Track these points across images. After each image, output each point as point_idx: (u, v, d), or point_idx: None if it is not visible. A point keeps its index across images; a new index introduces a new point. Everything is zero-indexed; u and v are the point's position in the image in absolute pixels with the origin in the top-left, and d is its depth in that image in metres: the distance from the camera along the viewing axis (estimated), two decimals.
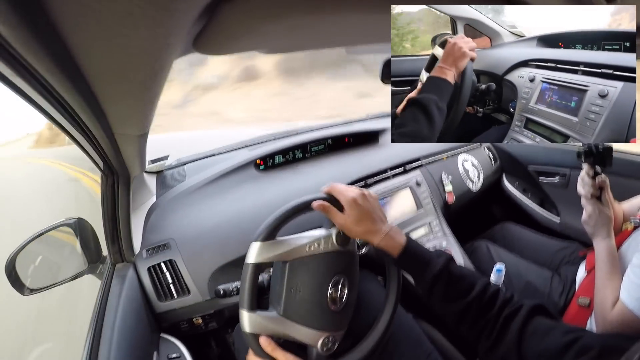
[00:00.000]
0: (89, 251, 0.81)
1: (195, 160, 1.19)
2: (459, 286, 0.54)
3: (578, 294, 0.83)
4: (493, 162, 1.39)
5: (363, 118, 1.63)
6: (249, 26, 0.47)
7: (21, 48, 0.30)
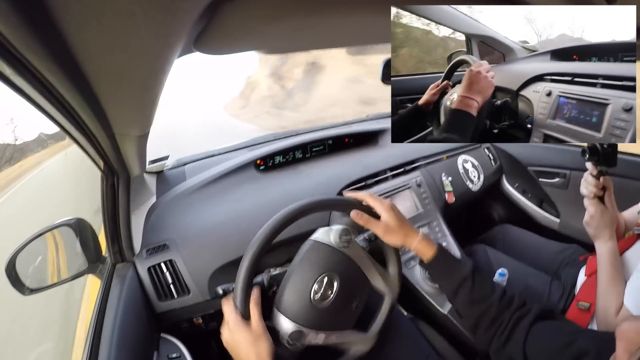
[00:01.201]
0: (89, 251, 0.81)
1: (195, 160, 1.19)
2: (482, 289, 0.58)
3: (578, 298, 0.82)
4: (493, 163, 1.39)
5: (363, 119, 1.63)
6: (249, 26, 0.47)
7: (22, 47, 0.30)
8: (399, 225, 0.62)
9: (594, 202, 0.76)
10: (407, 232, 0.62)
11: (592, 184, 0.75)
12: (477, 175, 1.31)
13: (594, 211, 0.75)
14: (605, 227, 0.74)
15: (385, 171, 1.13)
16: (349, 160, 1.21)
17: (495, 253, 1.07)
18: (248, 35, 0.51)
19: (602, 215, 0.74)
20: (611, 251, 0.73)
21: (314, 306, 0.59)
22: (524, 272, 0.97)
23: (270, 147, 1.16)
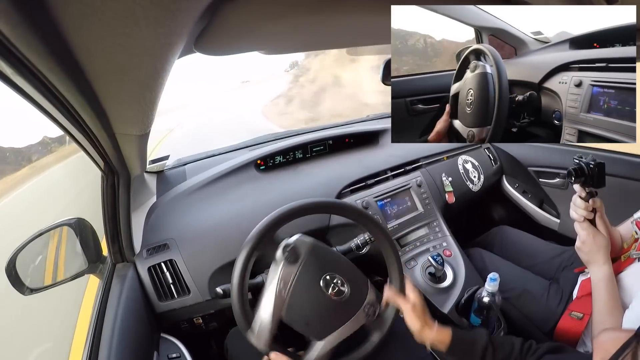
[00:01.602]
0: (89, 251, 0.81)
1: (196, 160, 1.19)
2: (504, 349, 0.61)
3: (571, 308, 0.80)
4: (493, 163, 1.39)
5: (363, 119, 1.63)
6: (250, 27, 0.47)
7: (22, 47, 0.30)
8: (423, 308, 0.66)
9: (584, 225, 0.71)
10: (427, 319, 0.66)
11: (581, 207, 0.70)
12: (477, 176, 1.30)
13: (585, 236, 0.71)
14: (599, 251, 0.69)
15: (385, 171, 1.13)
16: (350, 160, 1.21)
17: (491, 257, 1.07)
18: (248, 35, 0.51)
19: (595, 239, 0.70)
20: (607, 277, 0.68)
21: (333, 299, 0.61)
22: (522, 277, 0.97)
23: (271, 147, 1.16)
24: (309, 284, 0.61)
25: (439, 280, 0.96)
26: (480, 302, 0.80)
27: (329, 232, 0.96)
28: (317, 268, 0.62)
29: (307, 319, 0.61)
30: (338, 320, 0.63)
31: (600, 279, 0.69)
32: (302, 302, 0.61)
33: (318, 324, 0.62)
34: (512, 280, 0.96)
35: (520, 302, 0.92)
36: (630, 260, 0.70)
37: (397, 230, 1.04)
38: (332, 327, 0.62)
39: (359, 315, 0.63)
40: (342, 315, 0.63)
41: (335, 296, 0.62)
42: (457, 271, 0.99)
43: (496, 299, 0.78)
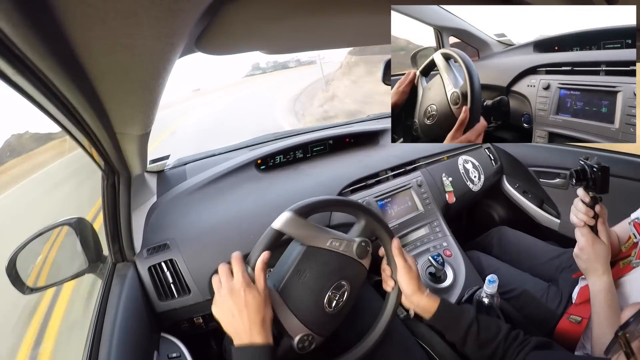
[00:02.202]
0: (90, 250, 0.81)
1: (196, 160, 1.19)
2: (488, 331, 0.61)
3: (570, 312, 0.79)
4: (494, 163, 1.39)
5: (364, 119, 1.63)
6: (251, 27, 0.48)
7: (24, 47, 0.31)
8: (417, 274, 0.67)
9: (584, 231, 0.67)
10: (420, 284, 0.66)
11: (582, 212, 0.66)
12: (477, 176, 1.31)
13: (584, 242, 0.67)
14: (598, 260, 0.66)
15: (385, 171, 1.13)
16: (350, 160, 1.21)
17: (488, 259, 1.07)
18: (249, 35, 0.51)
19: (594, 246, 0.66)
20: (607, 288, 0.64)
21: (325, 312, 0.60)
22: (521, 278, 0.97)
23: (271, 147, 1.16)
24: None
25: (439, 280, 0.96)
26: (479, 303, 0.80)
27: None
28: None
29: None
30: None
31: (599, 290, 0.66)
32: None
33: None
34: (510, 281, 0.96)
35: (520, 303, 0.92)
36: (629, 267, 0.69)
37: (398, 230, 1.04)
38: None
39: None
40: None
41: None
42: (458, 271, 0.99)
43: (495, 301, 0.78)
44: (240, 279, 0.54)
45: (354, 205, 0.65)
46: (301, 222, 0.58)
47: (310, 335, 0.59)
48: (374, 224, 0.66)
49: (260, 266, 0.55)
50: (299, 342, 0.58)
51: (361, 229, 0.66)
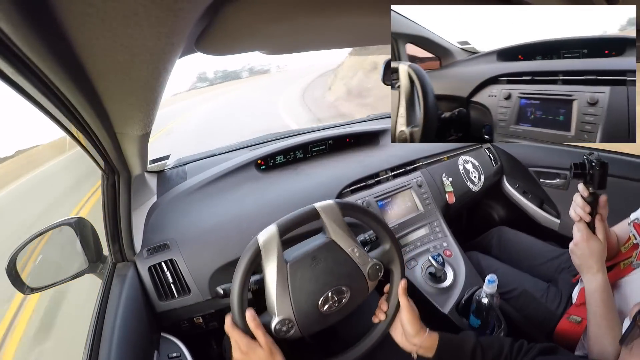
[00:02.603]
0: (90, 250, 0.81)
1: (196, 160, 1.19)
2: (493, 350, 0.61)
3: (570, 312, 0.79)
4: (494, 163, 1.39)
5: (364, 119, 1.63)
6: (251, 27, 0.48)
7: (24, 47, 0.31)
8: (418, 315, 0.67)
9: (580, 226, 0.67)
10: (421, 325, 0.66)
11: (579, 206, 0.67)
12: (477, 176, 1.31)
13: (579, 238, 0.67)
14: (591, 257, 0.65)
15: (386, 171, 1.13)
16: (350, 160, 1.21)
17: (488, 260, 1.07)
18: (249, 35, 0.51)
19: (588, 242, 0.66)
20: (602, 287, 0.64)
21: (317, 309, 0.60)
22: (521, 278, 0.97)
23: (271, 147, 1.16)
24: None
25: (439, 281, 0.96)
26: (478, 303, 0.80)
27: None
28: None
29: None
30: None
31: (594, 289, 0.65)
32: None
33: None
34: (510, 282, 0.96)
35: (519, 303, 0.92)
36: (630, 268, 0.68)
37: (398, 230, 1.04)
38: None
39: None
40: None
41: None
42: (458, 271, 0.99)
43: (495, 300, 0.78)
44: (239, 348, 0.57)
45: (387, 229, 0.66)
46: (339, 215, 0.61)
47: (292, 323, 0.58)
48: (395, 255, 0.67)
49: (253, 324, 0.56)
50: (279, 323, 0.57)
51: (383, 252, 0.66)
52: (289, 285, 0.58)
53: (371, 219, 0.64)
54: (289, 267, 0.58)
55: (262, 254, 0.57)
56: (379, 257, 0.65)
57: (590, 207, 0.66)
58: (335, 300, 0.60)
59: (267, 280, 0.58)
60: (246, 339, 0.56)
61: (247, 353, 0.56)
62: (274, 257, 0.57)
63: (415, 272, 0.99)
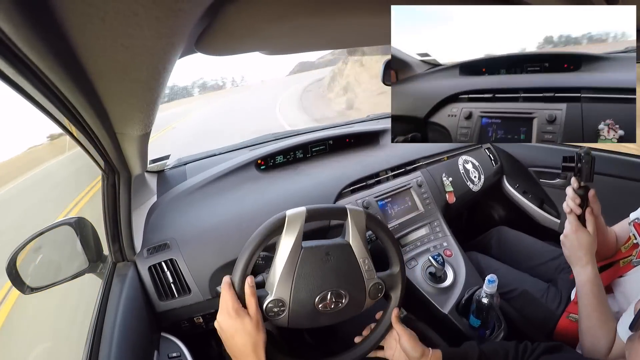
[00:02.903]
0: (90, 250, 0.81)
1: (196, 160, 1.19)
2: (497, 355, 0.61)
3: (569, 310, 0.80)
4: (494, 163, 1.39)
5: (364, 119, 1.63)
6: (251, 27, 0.48)
7: (24, 47, 0.31)
8: (417, 337, 0.67)
9: (571, 218, 0.69)
10: (424, 346, 0.65)
11: (570, 197, 0.69)
12: (477, 176, 1.31)
13: (569, 229, 0.68)
14: (580, 249, 0.66)
15: (386, 171, 1.13)
16: (350, 160, 1.21)
17: (488, 260, 1.07)
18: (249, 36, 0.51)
19: (577, 234, 0.67)
20: (592, 280, 0.65)
21: (312, 305, 0.60)
22: (520, 279, 0.97)
23: (271, 147, 1.16)
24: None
25: (439, 280, 0.96)
26: (478, 303, 0.80)
27: (330, 231, 0.97)
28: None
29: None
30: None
31: (584, 281, 0.66)
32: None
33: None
34: (510, 282, 0.96)
35: (519, 303, 0.92)
36: (630, 266, 0.69)
37: (398, 230, 1.04)
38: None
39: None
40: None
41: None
42: (458, 271, 0.99)
43: (495, 300, 0.78)
44: (227, 311, 0.55)
45: (400, 255, 0.67)
46: (363, 224, 0.61)
47: (284, 307, 0.58)
48: (399, 283, 0.67)
49: (249, 291, 0.56)
50: (272, 302, 0.57)
51: (389, 276, 0.66)
52: (296, 268, 0.58)
53: (390, 240, 0.65)
54: (302, 252, 0.58)
55: (284, 228, 0.57)
56: (383, 279, 0.65)
57: (580, 199, 0.68)
58: (332, 301, 0.60)
59: (276, 257, 0.58)
60: (238, 304, 0.55)
61: (234, 318, 0.54)
62: (292, 237, 0.57)
63: (415, 272, 0.99)
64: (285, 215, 0.57)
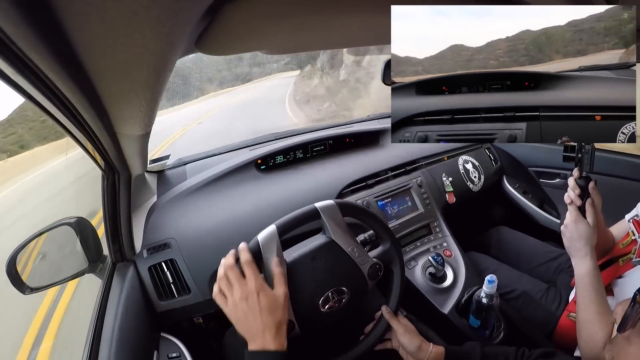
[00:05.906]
0: (90, 250, 0.81)
1: (196, 160, 1.19)
2: (498, 359, 0.62)
3: (569, 309, 0.80)
4: (494, 163, 1.39)
5: (364, 119, 1.63)
6: (251, 27, 0.47)
7: (24, 46, 0.30)
8: (415, 331, 0.68)
9: (571, 209, 0.69)
10: (422, 341, 0.66)
11: (571, 188, 0.69)
12: (477, 176, 1.31)
13: (569, 219, 0.69)
14: (580, 240, 0.67)
15: (386, 171, 1.13)
16: (350, 160, 1.21)
17: (488, 260, 1.07)
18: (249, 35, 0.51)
19: (577, 224, 0.67)
20: (591, 273, 0.65)
21: (318, 310, 0.60)
22: (520, 279, 0.97)
23: (271, 147, 1.16)
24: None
25: (439, 281, 0.96)
26: (478, 303, 0.80)
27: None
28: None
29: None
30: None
31: (583, 273, 0.65)
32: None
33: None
34: (510, 282, 0.96)
35: (519, 304, 0.92)
36: (629, 265, 0.69)
37: (398, 230, 1.04)
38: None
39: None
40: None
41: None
42: (458, 271, 0.99)
43: (494, 301, 0.78)
44: (253, 283, 0.53)
45: (386, 228, 0.67)
46: (339, 215, 0.61)
47: (292, 324, 0.58)
48: (395, 255, 0.67)
49: (277, 271, 0.55)
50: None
51: (382, 252, 0.66)
52: (288, 285, 0.57)
53: (370, 219, 0.64)
54: (287, 267, 0.58)
55: (262, 254, 0.56)
56: (378, 257, 0.65)
57: (580, 190, 0.68)
58: (335, 300, 0.61)
59: (267, 280, 0.57)
60: (262, 281, 0.54)
61: (255, 293, 0.52)
62: (273, 257, 0.57)
63: (415, 272, 0.99)
64: (258, 241, 0.56)
